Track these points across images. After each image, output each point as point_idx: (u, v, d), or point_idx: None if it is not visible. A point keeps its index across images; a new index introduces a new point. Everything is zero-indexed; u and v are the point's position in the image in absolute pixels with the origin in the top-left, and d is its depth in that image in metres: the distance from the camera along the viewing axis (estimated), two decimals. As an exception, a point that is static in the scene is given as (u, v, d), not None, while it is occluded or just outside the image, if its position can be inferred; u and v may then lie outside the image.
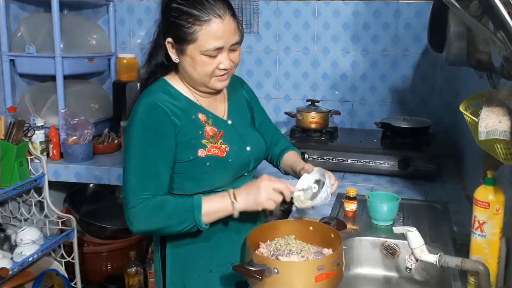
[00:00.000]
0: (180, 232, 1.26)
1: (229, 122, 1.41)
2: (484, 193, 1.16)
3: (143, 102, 1.29)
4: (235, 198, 1.25)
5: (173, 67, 1.36)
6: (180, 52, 1.28)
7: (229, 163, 1.33)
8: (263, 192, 1.24)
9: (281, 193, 1.26)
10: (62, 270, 2.45)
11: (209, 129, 1.34)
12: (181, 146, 1.29)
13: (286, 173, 1.56)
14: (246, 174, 1.42)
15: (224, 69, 1.29)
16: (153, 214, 1.23)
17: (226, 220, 1.34)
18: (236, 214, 1.26)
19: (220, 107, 1.42)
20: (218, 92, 1.40)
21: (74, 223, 2.45)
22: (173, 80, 1.36)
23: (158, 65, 1.35)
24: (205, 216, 1.24)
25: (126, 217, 1.25)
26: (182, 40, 1.25)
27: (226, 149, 1.33)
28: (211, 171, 1.31)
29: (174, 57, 1.30)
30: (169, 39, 1.28)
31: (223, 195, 1.27)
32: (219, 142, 1.33)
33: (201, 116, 1.34)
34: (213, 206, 1.25)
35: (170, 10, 1.26)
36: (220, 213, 1.26)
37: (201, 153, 1.30)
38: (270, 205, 1.25)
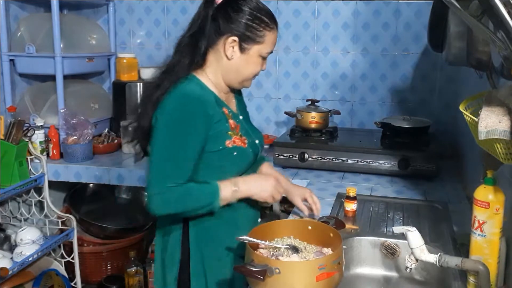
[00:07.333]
0: (198, 214, 1.39)
1: (241, 117, 1.52)
2: (484, 193, 1.16)
3: (180, 93, 1.35)
4: (237, 186, 1.38)
5: (199, 64, 1.42)
6: (243, 50, 1.39)
7: (249, 153, 1.45)
8: (270, 185, 1.43)
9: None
10: (62, 270, 2.45)
11: (231, 122, 1.43)
12: (212, 137, 1.37)
13: None
14: (251, 166, 1.51)
15: (261, 70, 1.47)
16: (179, 201, 1.34)
17: (248, 205, 1.48)
18: (233, 200, 1.40)
19: (232, 105, 1.53)
20: (232, 91, 1.53)
21: (74, 223, 2.44)
22: (201, 76, 1.43)
23: (196, 59, 1.41)
24: (222, 201, 1.36)
25: (149, 201, 1.33)
26: (251, 40, 1.38)
27: (245, 140, 1.44)
28: (236, 161, 1.41)
29: (230, 53, 1.39)
30: (235, 37, 1.37)
31: (229, 182, 1.39)
32: (239, 134, 1.43)
33: (225, 110, 1.44)
34: (227, 193, 1.38)
35: (242, 12, 1.37)
36: (231, 199, 1.39)
37: (228, 143, 1.39)
38: (270, 199, 1.43)
